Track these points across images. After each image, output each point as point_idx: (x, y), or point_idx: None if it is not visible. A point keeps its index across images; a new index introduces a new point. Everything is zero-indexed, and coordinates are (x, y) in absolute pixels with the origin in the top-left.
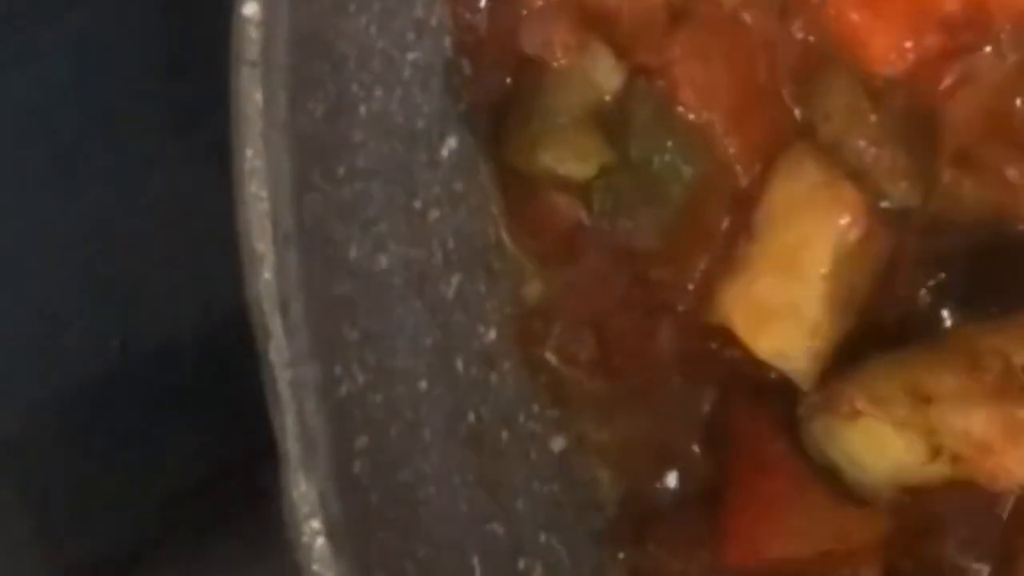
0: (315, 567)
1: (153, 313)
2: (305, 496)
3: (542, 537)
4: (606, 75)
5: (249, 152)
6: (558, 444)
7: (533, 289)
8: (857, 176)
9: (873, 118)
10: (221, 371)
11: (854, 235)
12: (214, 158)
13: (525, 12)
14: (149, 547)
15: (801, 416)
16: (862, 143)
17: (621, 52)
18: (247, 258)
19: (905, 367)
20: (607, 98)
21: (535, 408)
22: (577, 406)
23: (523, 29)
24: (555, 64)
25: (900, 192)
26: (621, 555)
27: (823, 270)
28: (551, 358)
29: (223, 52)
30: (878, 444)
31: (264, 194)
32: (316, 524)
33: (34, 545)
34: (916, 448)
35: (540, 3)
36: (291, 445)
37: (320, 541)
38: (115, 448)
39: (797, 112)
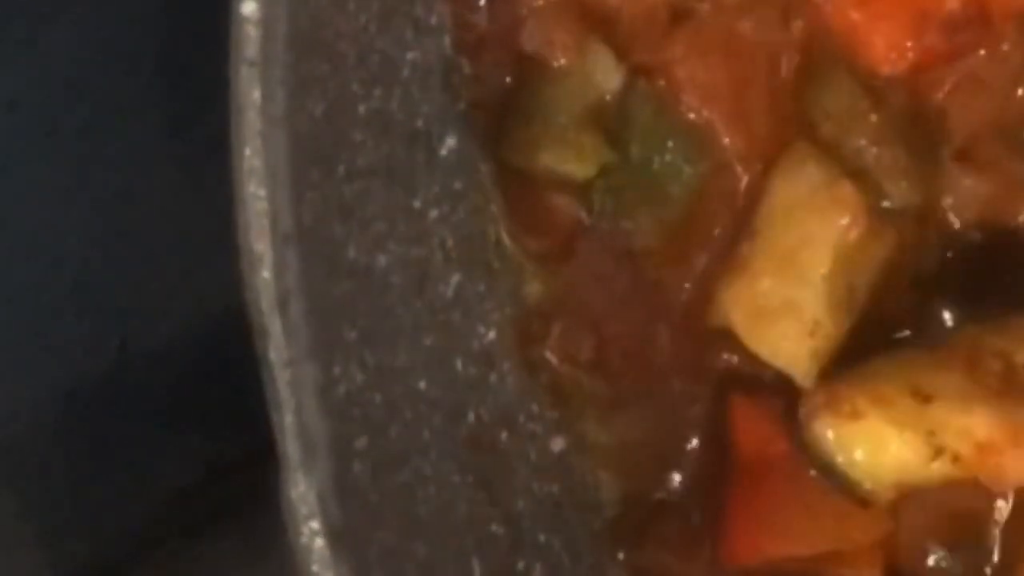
0: (314, 568)
1: (152, 313)
2: (304, 497)
3: (542, 538)
4: (606, 75)
5: (248, 151)
6: (558, 444)
7: (533, 289)
8: (858, 176)
9: (873, 117)
10: (220, 371)
11: (854, 235)
12: (213, 157)
13: (525, 11)
14: (149, 547)
15: (802, 416)
16: (863, 142)
17: (621, 52)
18: (246, 257)
19: (906, 367)
20: (607, 98)
21: (535, 408)
22: (577, 406)
23: (523, 28)
24: (555, 64)
25: (901, 192)
26: (621, 555)
27: (823, 270)
28: (551, 358)
29: (222, 51)
30: (879, 444)
31: (263, 193)
32: (315, 525)
33: (34, 545)
34: (917, 448)
35: (540, 2)
36: (290, 445)
37: (319, 542)
38: (115, 448)
39: (798, 111)
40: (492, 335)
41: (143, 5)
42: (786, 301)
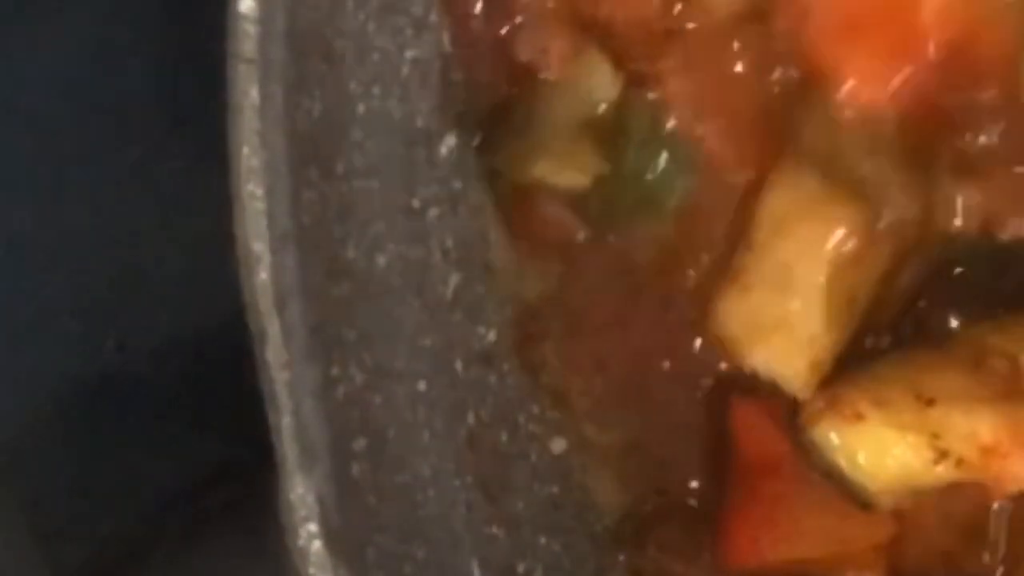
0: (312, 570)
1: (149, 313)
2: (302, 499)
3: (542, 540)
4: (602, 85)
5: (246, 150)
6: (558, 446)
7: (533, 289)
8: (852, 188)
9: (865, 130)
10: (218, 372)
11: (850, 247)
12: (211, 157)
13: (520, 20)
14: (146, 548)
15: (803, 419)
16: (856, 155)
17: (618, 61)
18: (244, 258)
19: (909, 369)
20: (602, 108)
21: (535, 409)
22: (577, 408)
23: (518, 37)
24: (550, 74)
25: (897, 203)
26: (621, 558)
27: (818, 282)
28: (551, 359)
29: (220, 49)
30: (882, 447)
31: (261, 193)
32: (313, 527)
33: (32, 545)
34: (920, 451)
35: (535, 11)
36: (288, 447)
37: (317, 544)
38: (112, 449)
39: (789, 126)
40: (492, 335)
41: (142, 4)
42: (781, 315)
